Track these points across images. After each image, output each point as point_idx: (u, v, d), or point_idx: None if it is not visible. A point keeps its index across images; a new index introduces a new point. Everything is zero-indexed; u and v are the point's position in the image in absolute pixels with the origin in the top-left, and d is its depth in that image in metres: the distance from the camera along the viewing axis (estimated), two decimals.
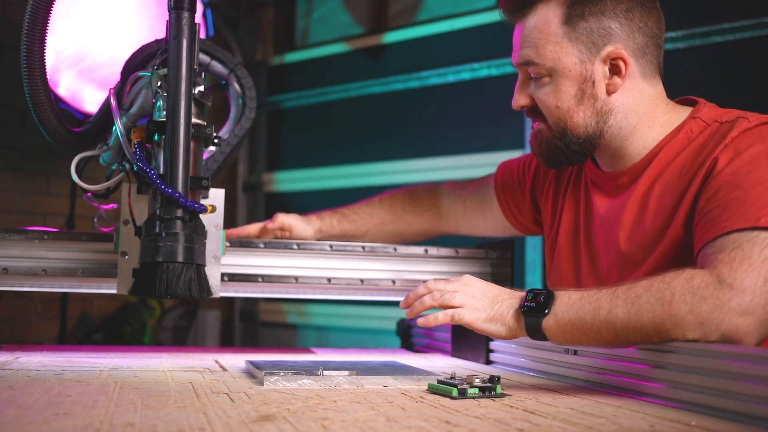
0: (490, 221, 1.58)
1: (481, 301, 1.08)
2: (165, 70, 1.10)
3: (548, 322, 1.02)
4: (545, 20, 1.21)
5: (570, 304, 1.02)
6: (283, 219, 1.53)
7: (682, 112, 1.23)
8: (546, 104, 1.24)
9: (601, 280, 1.28)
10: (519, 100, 1.28)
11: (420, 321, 1.12)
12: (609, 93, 1.21)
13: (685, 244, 1.13)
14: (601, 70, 1.21)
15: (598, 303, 0.99)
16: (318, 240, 1.57)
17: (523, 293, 1.07)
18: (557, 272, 1.38)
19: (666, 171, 1.19)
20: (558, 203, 1.41)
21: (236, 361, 1.32)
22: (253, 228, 1.52)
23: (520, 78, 1.28)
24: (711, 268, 0.98)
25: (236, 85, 1.33)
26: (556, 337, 1.03)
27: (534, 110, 1.28)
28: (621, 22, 1.20)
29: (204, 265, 1.07)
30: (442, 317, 1.09)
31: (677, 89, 1.31)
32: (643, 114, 1.23)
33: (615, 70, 1.21)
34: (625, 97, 1.22)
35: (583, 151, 1.25)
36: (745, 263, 0.96)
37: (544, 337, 1.04)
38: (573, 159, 1.27)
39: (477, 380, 0.94)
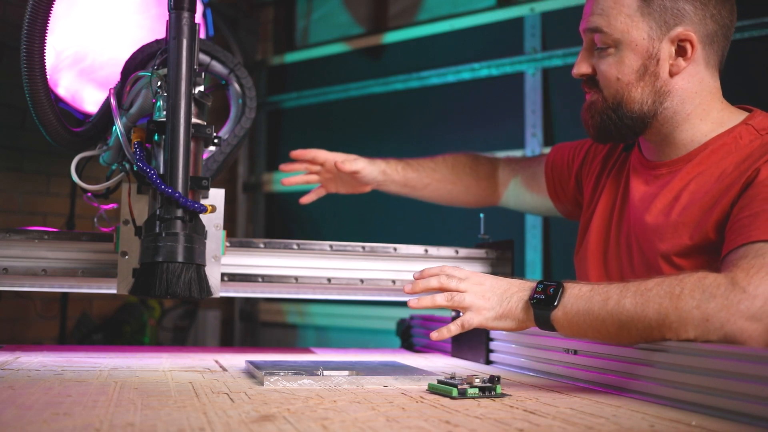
0: (536, 199, 1.62)
1: (490, 300, 1.08)
2: (165, 70, 1.10)
3: (557, 314, 1.02)
4: None
5: (580, 296, 1.02)
6: (353, 165, 1.57)
7: (736, 115, 1.23)
8: (606, 75, 1.24)
9: (623, 265, 1.29)
10: (581, 67, 1.27)
11: (434, 336, 1.10)
12: (671, 74, 1.22)
13: (713, 248, 1.13)
14: (667, 50, 1.21)
15: (607, 294, 1.00)
16: (381, 182, 1.62)
17: (533, 284, 1.07)
18: (584, 252, 1.39)
19: (706, 171, 1.19)
20: (599, 186, 1.42)
21: (236, 361, 1.32)
22: (328, 156, 1.59)
23: (584, 45, 1.28)
24: (727, 271, 0.98)
25: (236, 85, 1.33)
26: (564, 329, 1.04)
27: (591, 80, 1.28)
28: (695, 6, 1.20)
29: (204, 265, 1.07)
30: (454, 329, 1.08)
31: None
32: (698, 104, 1.23)
33: (681, 52, 1.21)
34: (686, 82, 1.22)
35: (634, 128, 1.25)
36: (762, 271, 0.96)
37: (552, 328, 1.04)
38: (624, 133, 1.26)
39: (477, 380, 0.94)
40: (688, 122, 1.23)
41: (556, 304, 1.02)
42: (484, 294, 1.08)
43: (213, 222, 1.24)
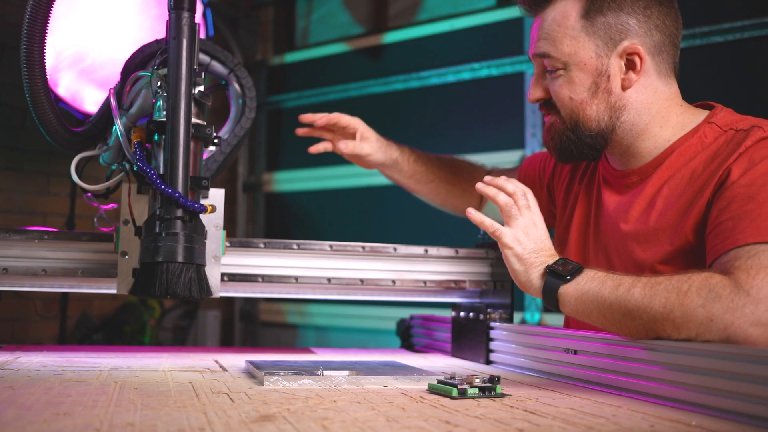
0: None
1: (528, 239, 1.15)
2: (165, 70, 1.10)
3: (567, 289, 1.06)
4: (563, 14, 1.23)
5: (594, 278, 1.06)
6: (358, 148, 1.57)
7: (697, 115, 1.24)
8: (560, 96, 1.25)
9: None
10: (535, 93, 1.29)
11: (470, 210, 1.20)
12: (624, 88, 1.22)
13: (694, 251, 1.13)
14: (617, 65, 1.21)
15: (620, 281, 1.03)
16: (387, 168, 1.63)
17: (558, 257, 1.12)
18: None
19: (677, 174, 1.19)
20: (570, 196, 1.43)
21: (236, 361, 1.32)
22: (349, 121, 1.58)
23: (536, 71, 1.29)
24: (729, 274, 0.98)
25: (236, 85, 1.33)
26: (569, 306, 1.06)
27: (548, 103, 1.29)
28: (639, 19, 1.20)
29: (204, 265, 1.07)
30: (488, 224, 1.18)
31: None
32: (656, 113, 1.23)
33: (630, 66, 1.21)
34: (639, 94, 1.23)
35: (594, 146, 1.26)
36: (762, 272, 0.96)
37: (556, 304, 1.07)
38: (585, 152, 1.27)
39: (477, 380, 0.94)
40: (648, 132, 1.23)
41: (569, 278, 1.06)
42: (529, 233, 1.15)
43: (213, 222, 1.24)
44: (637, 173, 1.26)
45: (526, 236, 1.15)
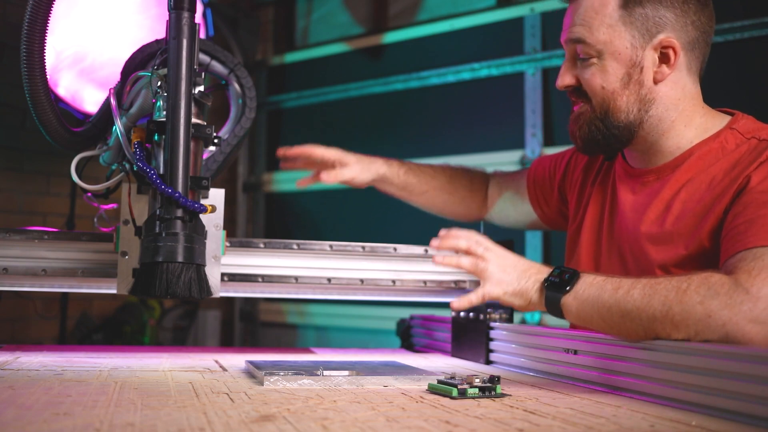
0: (519, 213, 1.63)
1: (509, 275, 1.12)
2: (165, 70, 1.10)
3: (567, 299, 1.05)
4: (602, 1, 1.21)
5: (593, 284, 1.05)
6: (340, 175, 1.53)
7: (719, 119, 1.24)
8: (591, 84, 1.23)
9: (618, 275, 1.29)
10: (564, 79, 1.27)
11: (455, 304, 1.15)
12: (655, 82, 1.22)
13: (709, 255, 1.13)
14: (651, 58, 1.21)
15: (619, 284, 1.02)
16: (377, 183, 1.60)
17: (551, 269, 1.10)
18: (576, 264, 1.39)
19: (696, 178, 1.19)
20: (584, 197, 1.42)
21: (236, 361, 1.32)
22: (324, 154, 1.55)
23: (567, 57, 1.27)
24: (731, 274, 0.99)
25: (236, 85, 1.33)
26: (571, 314, 1.06)
27: (577, 91, 1.27)
28: (676, 13, 1.20)
29: (204, 265, 1.07)
30: (474, 299, 1.13)
31: None
32: (682, 110, 1.23)
33: (664, 59, 1.21)
34: (669, 89, 1.23)
35: (621, 138, 1.25)
36: (763, 273, 0.97)
37: (560, 313, 1.06)
38: (611, 144, 1.26)
39: (477, 380, 0.94)
40: (673, 129, 1.23)
41: (568, 288, 1.06)
42: (506, 268, 1.13)
43: (213, 222, 1.24)
44: (655, 173, 1.26)
45: (505, 273, 1.13)
